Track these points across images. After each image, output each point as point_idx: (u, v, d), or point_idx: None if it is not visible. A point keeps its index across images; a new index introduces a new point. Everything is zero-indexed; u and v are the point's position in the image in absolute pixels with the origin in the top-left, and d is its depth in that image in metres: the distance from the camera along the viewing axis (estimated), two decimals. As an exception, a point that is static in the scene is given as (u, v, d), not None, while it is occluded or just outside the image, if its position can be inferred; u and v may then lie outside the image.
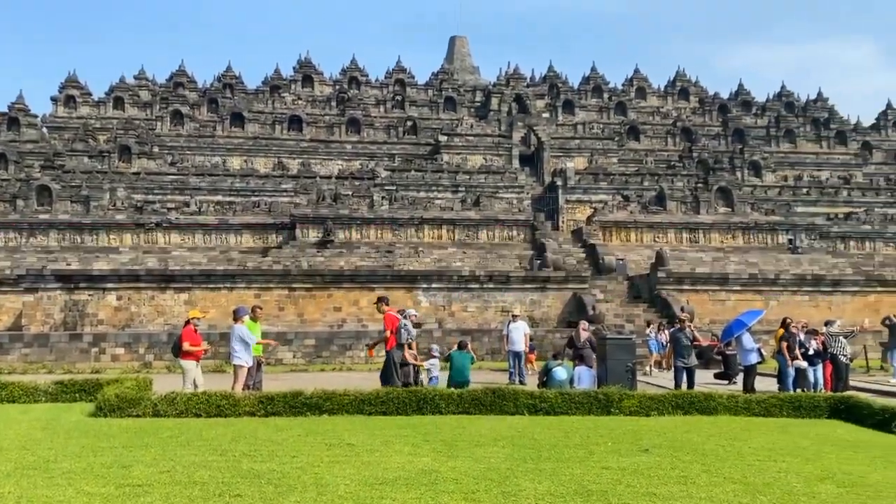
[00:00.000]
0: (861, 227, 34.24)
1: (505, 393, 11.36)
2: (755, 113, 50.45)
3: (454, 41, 62.95)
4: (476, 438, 9.00)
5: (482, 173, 38.00)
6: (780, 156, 44.87)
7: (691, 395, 11.62)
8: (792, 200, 38.33)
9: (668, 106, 50.79)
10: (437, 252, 30.43)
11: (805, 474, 7.20)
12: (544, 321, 27.28)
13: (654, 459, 7.79)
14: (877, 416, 10.57)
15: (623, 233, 33.35)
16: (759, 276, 28.65)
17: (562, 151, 41.90)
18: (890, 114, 50.01)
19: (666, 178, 38.39)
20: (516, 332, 16.99)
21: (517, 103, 44.87)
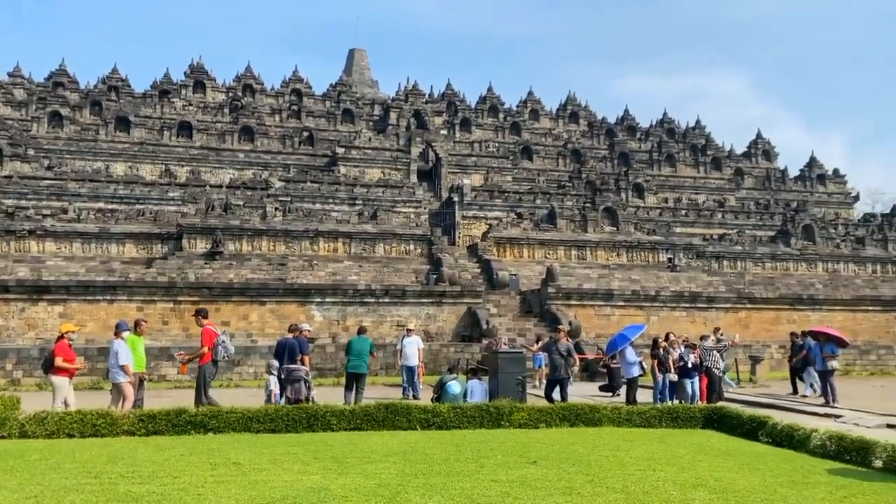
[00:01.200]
0: (733, 248, 36.63)
1: (398, 408, 11.34)
2: (639, 138, 53.12)
3: (353, 54, 62.86)
4: (367, 454, 8.93)
5: (380, 187, 37.96)
6: (662, 179, 47.40)
7: (577, 407, 12.02)
8: (672, 221, 40.51)
9: (559, 128, 52.64)
10: (332, 265, 30.05)
11: (681, 482, 7.60)
12: (439, 335, 27.47)
13: (541, 471, 7.99)
14: (745, 426, 11.30)
15: (516, 249, 34.14)
16: (642, 293, 30.07)
17: (459, 168, 42.51)
18: (759, 143, 53.96)
19: (557, 197, 39.68)
20: (410, 346, 17.07)
21: (416, 119, 45.22)
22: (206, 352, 12.73)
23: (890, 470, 8.60)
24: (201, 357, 12.84)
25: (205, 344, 12.78)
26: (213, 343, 12.74)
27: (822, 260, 36.62)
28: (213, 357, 12.78)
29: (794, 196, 47.45)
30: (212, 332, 12.91)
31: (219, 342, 12.76)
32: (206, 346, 12.71)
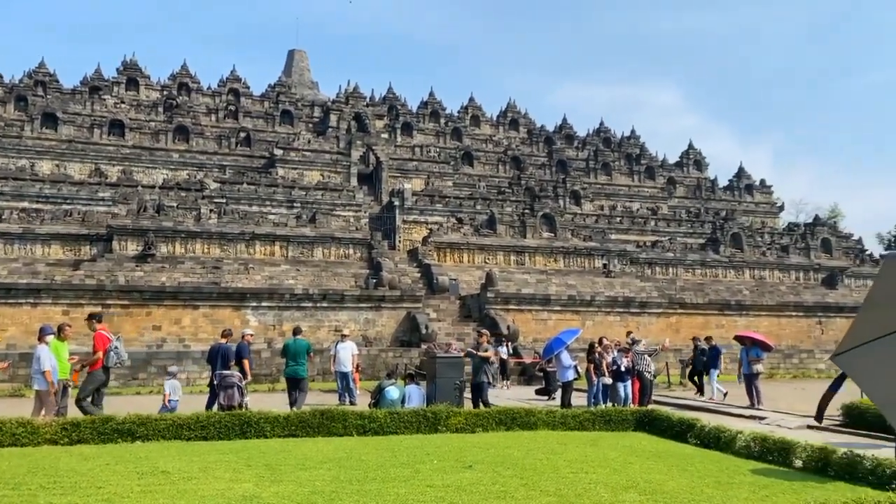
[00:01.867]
0: (665, 255, 37.67)
1: (334, 414, 11.23)
2: (577, 146, 54.09)
3: (293, 55, 62.03)
4: (302, 461, 8.81)
5: (319, 190, 37.54)
6: (598, 187, 48.37)
7: (514, 410, 12.14)
8: (607, 228, 41.40)
9: (499, 135, 53.14)
10: (268, 269, 29.55)
11: (612, 484, 7.75)
12: (378, 340, 27.34)
13: (476, 475, 8.04)
14: (675, 428, 11.63)
15: (456, 254, 34.29)
16: (578, 298, 30.63)
17: (400, 172, 42.43)
18: (691, 153, 55.66)
19: (497, 202, 40.04)
20: (344, 351, 16.87)
21: (356, 122, 44.93)
22: (99, 357, 12.28)
23: (809, 469, 8.98)
24: (93, 363, 12.38)
25: (97, 349, 12.31)
26: (105, 348, 12.30)
27: (749, 267, 38.01)
28: (104, 363, 12.33)
29: (723, 205, 49.11)
30: (105, 338, 12.45)
31: (111, 348, 12.29)
32: (100, 351, 12.26)
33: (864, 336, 1.95)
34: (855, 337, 1.99)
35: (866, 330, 1.96)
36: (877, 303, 1.92)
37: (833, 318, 33.95)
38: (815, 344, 33.41)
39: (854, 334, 1.98)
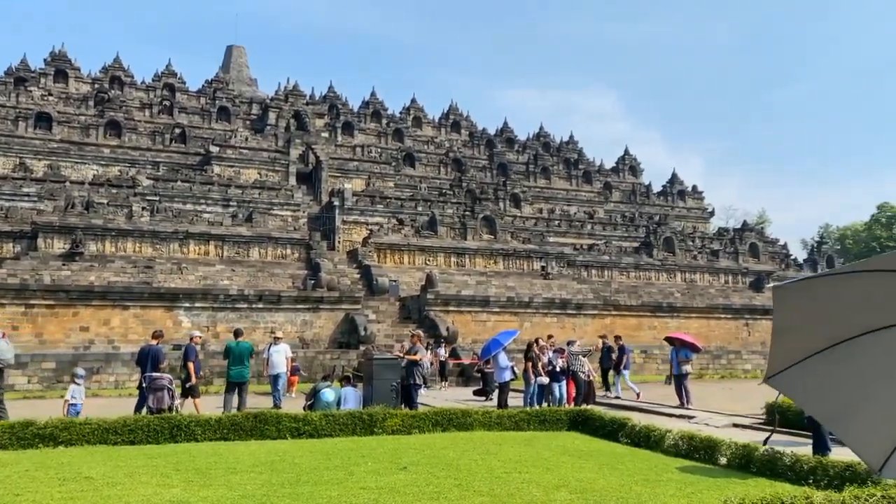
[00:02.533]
0: (601, 258, 38.45)
1: (267, 417, 11.06)
2: (517, 150, 54.73)
3: (231, 50, 60.78)
4: (233, 465, 8.64)
5: (256, 188, 36.89)
6: (537, 190, 49.04)
7: (450, 412, 12.18)
8: (545, 231, 41.99)
9: (441, 137, 53.30)
10: (203, 269, 28.86)
11: (544, 483, 7.87)
12: (316, 342, 27.02)
13: (411, 477, 8.03)
14: (607, 427, 11.88)
15: (397, 255, 34.20)
16: (516, 299, 30.96)
17: (340, 172, 42.06)
18: (627, 159, 57.02)
19: (438, 204, 40.11)
20: (277, 354, 16.43)
21: (296, 120, 44.34)
22: None
23: (733, 466, 9.31)
24: None
25: None
26: None
27: (680, 270, 39.13)
28: None
29: (656, 210, 50.46)
30: None
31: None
32: None
33: (786, 361, 2.06)
34: (779, 361, 2.09)
35: (787, 355, 2.06)
36: (785, 330, 2.02)
37: (759, 320, 35.24)
38: (743, 345, 34.64)
39: (777, 359, 2.08)
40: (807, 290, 1.93)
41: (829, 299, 1.92)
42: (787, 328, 2.07)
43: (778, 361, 2.06)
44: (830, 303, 1.93)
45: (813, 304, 1.95)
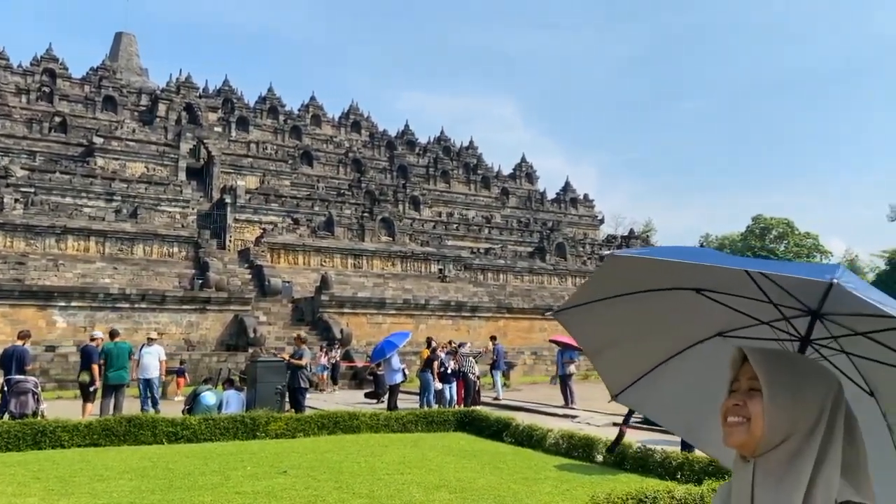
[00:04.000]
0: (497, 262, 39.17)
1: (142, 421, 10.56)
2: (418, 153, 54.91)
3: (120, 37, 57.73)
4: (100, 472, 8.18)
5: (143, 183, 35.19)
6: (437, 193, 49.38)
7: (337, 414, 12.04)
8: (444, 234, 42.35)
9: (341, 136, 52.72)
10: (82, 266, 27.25)
11: (426, 484, 7.90)
12: (202, 344, 26.05)
13: (290, 481, 7.87)
14: (492, 428, 12.08)
15: (291, 255, 33.52)
16: (413, 302, 31.03)
17: (233, 168, 40.78)
18: (524, 166, 58.37)
19: (335, 204, 39.65)
20: (149, 356, 15.28)
21: (188, 113, 42.64)
22: None
23: (608, 463, 9.67)
24: None
25: None
26: None
27: (571, 275, 40.44)
28: None
29: (550, 216, 51.90)
30: None
31: None
32: None
33: (623, 377, 2.16)
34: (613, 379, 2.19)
35: (618, 372, 2.17)
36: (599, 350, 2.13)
37: (643, 324, 36.90)
38: (627, 347, 36.13)
39: (610, 377, 2.18)
40: (590, 313, 2.06)
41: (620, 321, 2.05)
42: (599, 349, 2.18)
43: (612, 379, 2.17)
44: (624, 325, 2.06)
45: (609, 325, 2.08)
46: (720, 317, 2.00)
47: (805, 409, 1.46)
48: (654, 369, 2.12)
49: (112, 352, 14.26)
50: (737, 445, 1.52)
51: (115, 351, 14.29)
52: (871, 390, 1.98)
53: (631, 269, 1.85)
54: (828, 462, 1.43)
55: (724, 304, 1.94)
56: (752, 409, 1.49)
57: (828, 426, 1.45)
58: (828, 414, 1.46)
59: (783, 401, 1.47)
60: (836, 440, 1.45)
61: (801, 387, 1.49)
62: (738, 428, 1.50)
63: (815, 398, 1.48)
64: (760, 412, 1.48)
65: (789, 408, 1.46)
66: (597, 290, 2.03)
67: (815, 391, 1.49)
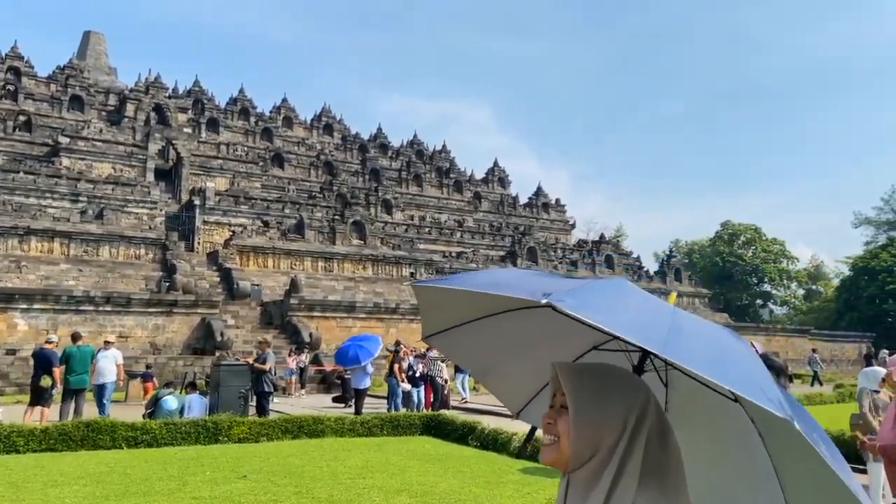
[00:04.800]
0: (469, 265, 39.21)
1: (100, 426, 10.36)
2: (391, 156, 54.84)
3: (89, 36, 56.87)
4: (55, 478, 8.01)
5: (109, 184, 34.64)
6: (409, 197, 49.35)
7: (301, 419, 11.94)
8: (416, 238, 42.31)
9: (313, 138, 52.47)
10: (45, 268, 26.75)
11: (387, 488, 7.86)
12: (169, 347, 25.67)
13: (249, 485, 7.78)
14: (458, 431, 12.06)
15: (261, 258, 33.22)
16: (383, 305, 30.91)
17: (203, 170, 40.34)
18: (496, 170, 58.62)
19: (306, 207, 39.41)
20: (105, 360, 14.64)
21: (157, 113, 42.11)
22: None
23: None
24: None
25: None
26: None
27: (543, 279, 40.62)
28: None
29: (522, 220, 52.14)
30: None
31: None
32: None
33: (440, 326, 2.17)
34: (432, 326, 2.17)
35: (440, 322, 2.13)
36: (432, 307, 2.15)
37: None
38: (597, 351, 36.35)
39: (430, 324, 2.22)
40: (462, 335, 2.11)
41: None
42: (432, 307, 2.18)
43: (431, 326, 2.15)
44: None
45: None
46: (595, 332, 1.99)
47: (609, 425, 1.44)
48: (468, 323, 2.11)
49: (74, 355, 13.98)
50: (549, 464, 1.51)
51: (77, 354, 14.01)
52: (735, 397, 1.96)
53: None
54: (625, 475, 1.41)
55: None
56: (561, 427, 1.47)
57: (629, 439, 1.43)
58: (631, 427, 1.44)
59: (587, 417, 1.45)
60: (637, 452, 1.42)
61: (606, 402, 1.46)
62: (549, 448, 1.49)
63: (618, 412, 1.45)
64: (567, 430, 1.46)
65: (594, 424, 1.44)
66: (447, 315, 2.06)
67: (619, 406, 1.46)
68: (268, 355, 14.18)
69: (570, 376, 1.50)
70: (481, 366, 2.27)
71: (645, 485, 1.40)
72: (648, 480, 1.40)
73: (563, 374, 1.52)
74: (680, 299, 47.39)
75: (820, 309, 67.89)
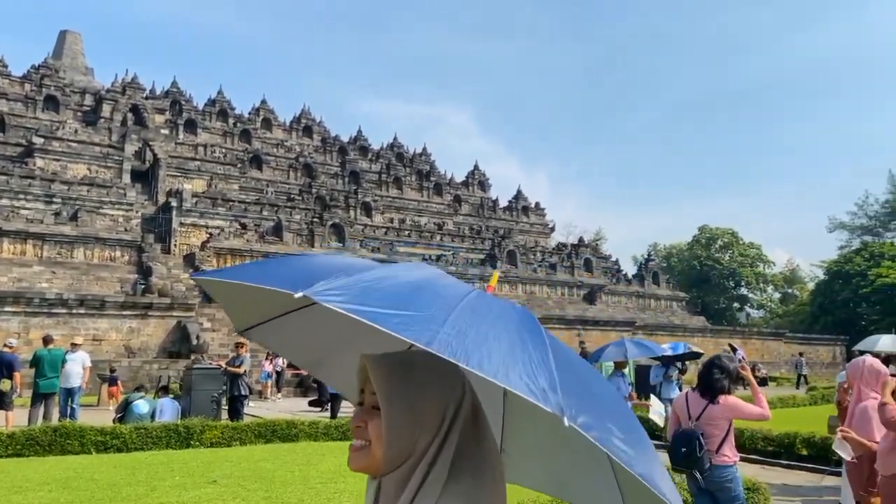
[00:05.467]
0: (448, 269, 39.16)
1: (69, 430, 10.23)
2: (371, 158, 54.70)
3: (65, 36, 56.14)
4: (20, 484, 7.88)
5: (84, 185, 34.21)
6: (389, 199, 49.26)
7: (274, 423, 11.86)
8: (396, 240, 42.23)
9: (292, 140, 52.20)
10: (18, 270, 26.35)
11: (358, 492, 7.81)
12: (144, 351, 25.41)
13: (219, 490, 7.71)
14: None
15: (238, 260, 32.93)
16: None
17: (180, 171, 39.94)
18: (476, 174, 58.70)
19: (285, 209, 39.21)
20: (72, 364, 14.29)
21: (133, 114, 41.65)
22: None
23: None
24: None
25: None
26: None
27: (522, 282, 40.74)
28: None
29: (502, 224, 52.25)
30: None
31: None
32: None
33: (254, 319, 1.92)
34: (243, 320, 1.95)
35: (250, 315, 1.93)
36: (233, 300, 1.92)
37: (591, 331, 37.36)
38: (575, 354, 36.50)
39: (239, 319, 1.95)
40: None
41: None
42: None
43: (241, 320, 1.93)
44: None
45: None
46: None
47: (426, 424, 1.30)
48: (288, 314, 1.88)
49: (45, 358, 13.78)
50: (359, 471, 1.36)
51: (47, 358, 13.81)
52: None
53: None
54: (435, 473, 1.28)
55: None
56: (373, 430, 1.31)
57: (444, 436, 1.31)
58: (448, 423, 1.32)
59: (403, 418, 1.30)
60: (450, 449, 1.30)
61: (423, 400, 1.32)
62: (359, 453, 1.33)
63: (435, 410, 1.31)
64: (380, 434, 1.30)
65: (410, 425, 1.30)
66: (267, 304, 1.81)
67: (436, 403, 1.32)
68: (244, 359, 14.07)
69: (381, 371, 1.33)
70: (312, 358, 2.05)
71: (455, 480, 1.28)
72: (460, 476, 1.29)
73: (373, 369, 1.34)
74: (658, 302, 47.75)
75: (795, 312, 68.76)
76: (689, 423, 5.29)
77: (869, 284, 52.90)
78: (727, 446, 5.28)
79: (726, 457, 5.25)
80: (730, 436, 5.34)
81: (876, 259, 55.48)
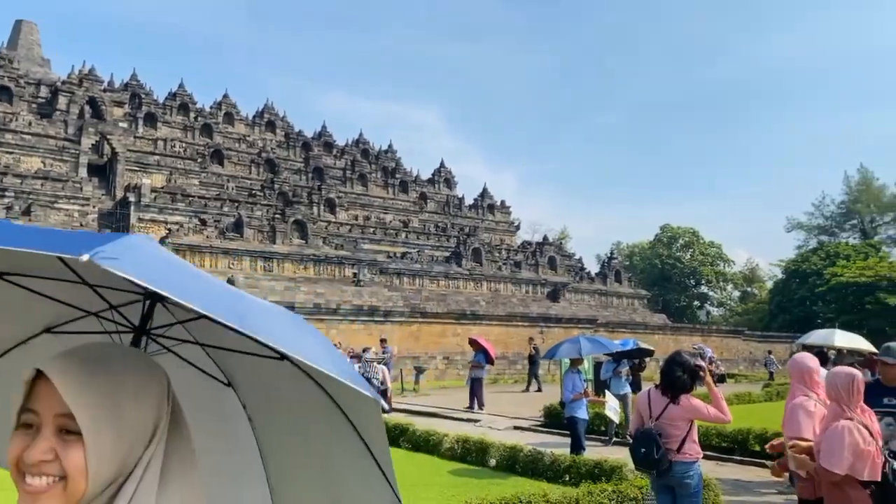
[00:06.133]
0: (413, 266, 39.08)
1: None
2: (335, 154, 54.23)
3: (20, 25, 54.63)
4: None
5: (38, 179, 33.30)
6: (354, 196, 48.89)
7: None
8: (360, 238, 41.95)
9: (254, 135, 51.51)
10: (-34, 265, 25.50)
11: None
12: (98, 348, 24.82)
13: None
14: (390, 434, 11.89)
15: (198, 257, 32.37)
16: (324, 306, 30.52)
17: (139, 166, 39.14)
18: (442, 171, 58.61)
19: (246, 205, 38.65)
20: None
21: (91, 107, 40.68)
22: None
23: (501, 467, 9.69)
24: None
25: None
26: None
27: (486, 280, 40.79)
28: None
29: (468, 221, 52.26)
30: None
31: None
32: None
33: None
34: None
35: None
36: None
37: (553, 328, 37.52)
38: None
39: None
40: None
41: None
42: None
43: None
44: None
45: None
46: (46, 308, 1.64)
47: (137, 435, 1.10)
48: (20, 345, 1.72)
49: None
50: None
51: None
52: (229, 381, 1.83)
53: None
54: (147, 480, 1.10)
55: (39, 293, 1.56)
56: (72, 462, 1.04)
57: (157, 444, 1.13)
58: (161, 429, 1.14)
59: (111, 436, 1.06)
60: (159, 456, 1.12)
61: (132, 410, 1.10)
62: (47, 494, 1.04)
63: (147, 418, 1.11)
64: (83, 465, 1.04)
65: (120, 442, 1.07)
66: None
67: (147, 411, 1.12)
68: None
69: (76, 384, 1.05)
70: None
71: (164, 487, 1.11)
72: (169, 480, 1.12)
73: (65, 383, 1.05)
74: (620, 300, 48.25)
75: (754, 310, 70.13)
76: (650, 423, 5.28)
77: (825, 283, 54.15)
78: (689, 443, 5.29)
79: (688, 454, 5.26)
80: (692, 433, 5.35)
81: (831, 258, 56.84)
